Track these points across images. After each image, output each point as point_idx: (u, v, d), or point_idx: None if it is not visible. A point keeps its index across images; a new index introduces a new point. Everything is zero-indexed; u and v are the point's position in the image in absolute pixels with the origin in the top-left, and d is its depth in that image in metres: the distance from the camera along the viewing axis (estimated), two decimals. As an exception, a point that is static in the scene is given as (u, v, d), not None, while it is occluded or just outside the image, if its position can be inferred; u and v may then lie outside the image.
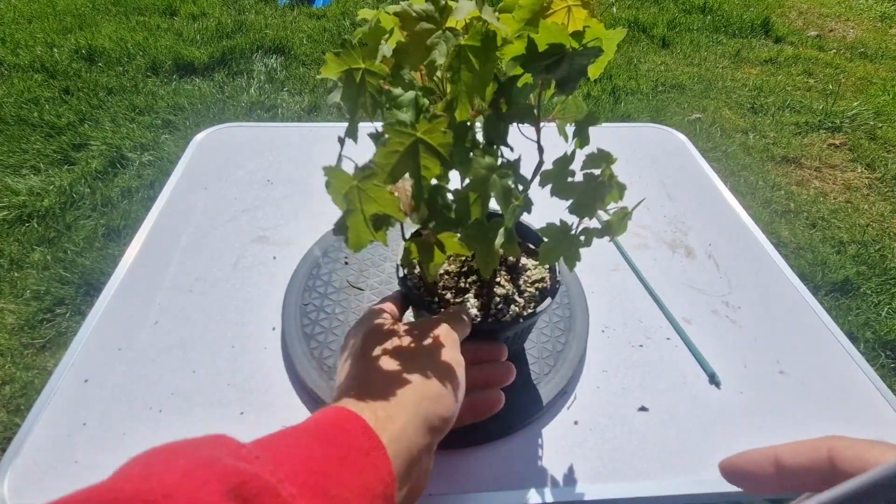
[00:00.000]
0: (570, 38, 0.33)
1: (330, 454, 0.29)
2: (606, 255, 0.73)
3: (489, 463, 0.50)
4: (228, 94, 2.52)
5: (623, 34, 0.35)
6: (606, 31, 0.34)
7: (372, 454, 0.30)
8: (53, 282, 1.56)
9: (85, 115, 2.28)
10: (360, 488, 0.28)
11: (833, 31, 3.65)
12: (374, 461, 0.29)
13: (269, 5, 3.41)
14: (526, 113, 0.36)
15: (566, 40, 0.33)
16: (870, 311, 1.66)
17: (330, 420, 0.31)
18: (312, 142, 0.93)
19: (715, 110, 2.67)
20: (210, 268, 0.67)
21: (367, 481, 0.28)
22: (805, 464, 0.25)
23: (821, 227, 2.00)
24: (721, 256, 0.75)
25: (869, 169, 2.36)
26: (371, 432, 0.31)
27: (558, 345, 0.59)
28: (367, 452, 0.29)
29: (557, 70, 0.33)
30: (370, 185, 0.32)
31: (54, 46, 2.75)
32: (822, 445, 0.25)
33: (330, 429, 0.31)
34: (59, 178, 1.93)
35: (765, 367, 0.60)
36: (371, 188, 0.33)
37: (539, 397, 0.54)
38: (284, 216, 0.77)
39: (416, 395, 0.34)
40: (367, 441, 0.30)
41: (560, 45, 0.33)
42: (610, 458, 0.51)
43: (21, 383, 1.33)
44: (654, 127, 1.03)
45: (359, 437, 0.30)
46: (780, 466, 0.26)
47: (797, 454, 0.26)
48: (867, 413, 0.57)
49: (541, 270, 0.53)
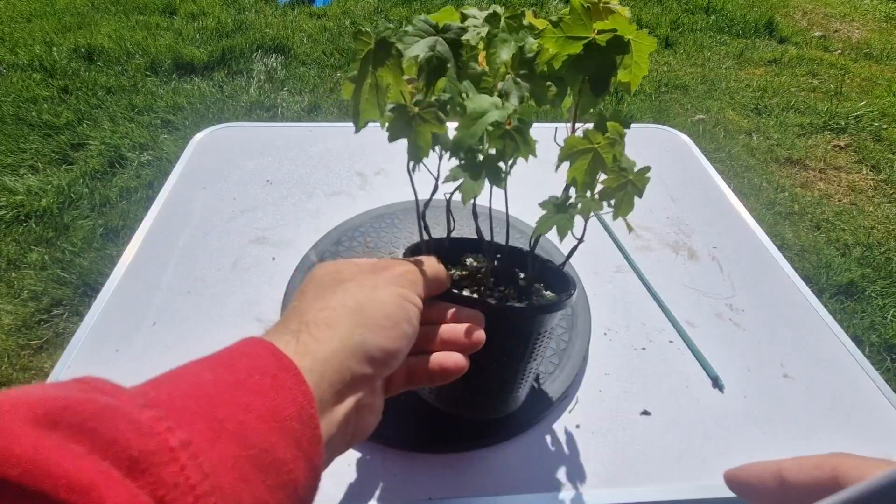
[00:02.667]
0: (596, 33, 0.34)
1: (224, 378, 0.26)
2: (609, 256, 0.72)
3: (490, 467, 0.49)
4: (228, 94, 2.51)
5: (654, 45, 0.35)
6: (637, 32, 0.34)
7: (280, 375, 0.27)
8: (51, 282, 1.56)
9: (83, 115, 2.27)
10: (263, 409, 0.26)
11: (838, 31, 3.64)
12: (283, 382, 0.27)
13: (269, 4, 3.40)
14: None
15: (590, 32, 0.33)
16: (875, 315, 1.65)
17: (230, 349, 0.29)
18: (312, 142, 0.92)
19: (718, 111, 2.66)
20: (209, 268, 0.67)
21: (273, 402, 0.26)
22: (808, 481, 0.25)
23: (825, 230, 1.99)
24: (724, 259, 0.74)
25: (874, 171, 2.35)
26: (280, 354, 0.29)
27: (561, 344, 0.58)
28: (274, 375, 0.27)
29: (585, 64, 0.33)
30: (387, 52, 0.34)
31: (53, 45, 2.75)
32: (827, 464, 0.25)
33: (227, 356, 0.29)
34: (57, 178, 1.93)
35: (769, 371, 0.59)
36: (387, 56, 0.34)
37: (540, 400, 0.53)
38: (284, 217, 0.76)
39: (351, 322, 0.32)
40: (275, 363, 0.28)
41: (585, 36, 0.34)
42: (612, 462, 0.50)
43: (18, 384, 1.32)
44: (657, 128, 1.02)
45: (263, 359, 0.28)
46: (783, 482, 0.26)
47: (801, 471, 0.25)
48: (872, 417, 0.56)
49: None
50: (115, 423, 0.21)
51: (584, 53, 0.35)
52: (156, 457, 0.21)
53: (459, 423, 0.51)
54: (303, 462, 0.26)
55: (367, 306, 0.33)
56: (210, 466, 0.22)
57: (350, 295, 0.34)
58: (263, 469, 0.24)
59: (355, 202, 0.79)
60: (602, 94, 0.35)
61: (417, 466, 0.49)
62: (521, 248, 0.49)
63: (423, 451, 0.50)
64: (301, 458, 0.26)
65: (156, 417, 0.22)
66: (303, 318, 0.32)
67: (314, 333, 0.31)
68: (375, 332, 0.32)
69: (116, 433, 0.20)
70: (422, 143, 0.37)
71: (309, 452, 0.27)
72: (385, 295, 0.34)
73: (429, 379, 0.38)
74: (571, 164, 0.38)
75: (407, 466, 0.49)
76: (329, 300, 0.34)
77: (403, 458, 0.49)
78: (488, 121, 0.34)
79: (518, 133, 0.35)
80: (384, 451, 0.49)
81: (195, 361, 0.28)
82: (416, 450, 0.50)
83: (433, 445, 0.50)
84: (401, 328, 0.34)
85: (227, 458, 0.23)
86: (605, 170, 0.38)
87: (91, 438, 0.20)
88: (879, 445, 0.53)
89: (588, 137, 0.37)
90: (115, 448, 0.20)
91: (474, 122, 0.34)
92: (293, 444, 0.26)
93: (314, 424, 0.27)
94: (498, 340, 0.40)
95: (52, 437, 0.19)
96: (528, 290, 0.47)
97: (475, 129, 0.34)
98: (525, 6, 2.23)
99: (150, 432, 0.21)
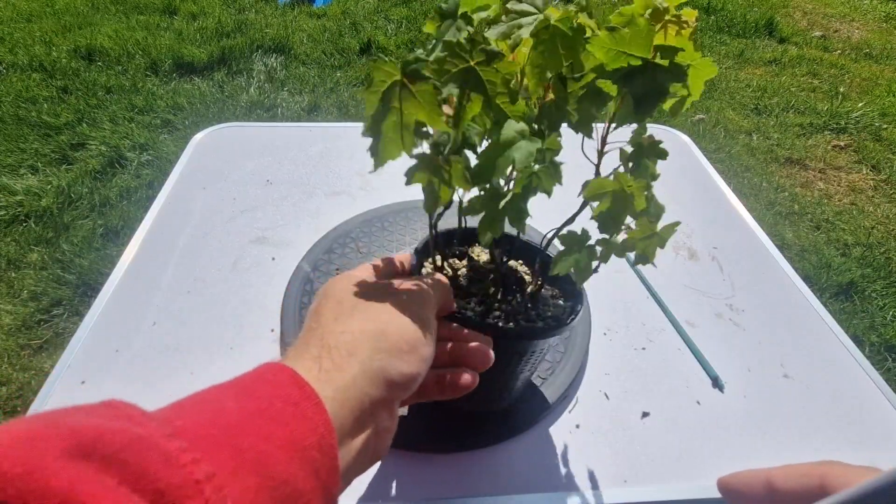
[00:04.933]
0: (658, 50, 0.31)
1: (246, 407, 0.27)
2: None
3: (490, 467, 0.49)
4: (228, 94, 2.51)
5: (714, 72, 0.32)
6: (701, 60, 0.32)
7: (302, 404, 0.27)
8: (51, 282, 1.56)
9: (83, 115, 2.27)
10: (284, 439, 0.26)
11: (838, 31, 3.64)
12: (305, 411, 0.27)
13: (270, 4, 3.40)
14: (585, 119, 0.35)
15: (648, 52, 0.31)
16: (875, 315, 1.65)
17: (252, 375, 0.29)
18: (312, 142, 0.92)
19: (718, 111, 2.66)
20: (208, 269, 0.67)
21: (294, 432, 0.26)
22: (796, 489, 0.26)
23: (825, 230, 1.99)
24: (724, 259, 0.74)
25: (874, 171, 2.35)
26: (301, 382, 0.29)
27: (560, 347, 0.58)
28: (296, 403, 0.27)
29: (634, 82, 0.31)
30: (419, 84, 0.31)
31: (53, 45, 2.75)
32: (815, 472, 0.26)
33: (250, 383, 0.29)
34: (56, 178, 1.93)
35: (769, 371, 0.59)
36: (419, 88, 0.31)
37: (540, 401, 0.53)
38: (284, 217, 0.76)
39: (371, 347, 0.32)
40: (297, 391, 0.28)
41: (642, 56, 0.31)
42: (612, 462, 0.50)
43: (17, 384, 1.32)
44: (657, 128, 1.02)
45: (285, 387, 0.28)
46: (772, 489, 0.27)
47: (789, 479, 0.27)
48: (872, 417, 0.56)
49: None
50: (144, 455, 0.21)
51: (635, 69, 0.31)
52: (182, 490, 0.21)
53: (459, 424, 0.51)
54: (320, 492, 0.26)
55: (387, 331, 0.33)
56: (233, 499, 0.22)
57: (369, 318, 0.34)
58: (282, 500, 0.24)
59: (355, 202, 0.79)
60: (646, 115, 0.32)
61: (417, 466, 0.49)
62: (529, 242, 0.49)
63: (423, 451, 0.50)
64: (319, 489, 0.26)
65: (181, 449, 0.22)
66: (324, 342, 0.32)
67: (336, 360, 0.31)
68: (396, 357, 0.33)
69: (146, 465, 0.21)
70: (442, 195, 0.35)
71: (327, 482, 0.27)
72: (404, 318, 0.35)
73: (439, 393, 0.38)
74: (600, 203, 0.36)
75: (407, 466, 0.49)
76: (349, 323, 0.34)
77: (403, 458, 0.49)
78: (515, 156, 0.32)
79: (545, 174, 0.33)
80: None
81: (217, 387, 0.28)
82: (416, 450, 0.50)
83: (433, 445, 0.50)
84: (420, 352, 0.34)
85: (248, 489, 0.23)
86: (634, 214, 0.36)
87: (121, 470, 0.20)
88: (879, 445, 0.53)
89: (620, 181, 0.34)
90: (143, 481, 0.21)
91: (501, 152, 0.32)
92: (312, 474, 0.26)
93: (333, 455, 0.27)
94: (498, 355, 0.40)
95: (86, 469, 0.20)
96: (536, 297, 0.46)
97: (501, 163, 0.32)
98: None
99: (177, 464, 0.22)
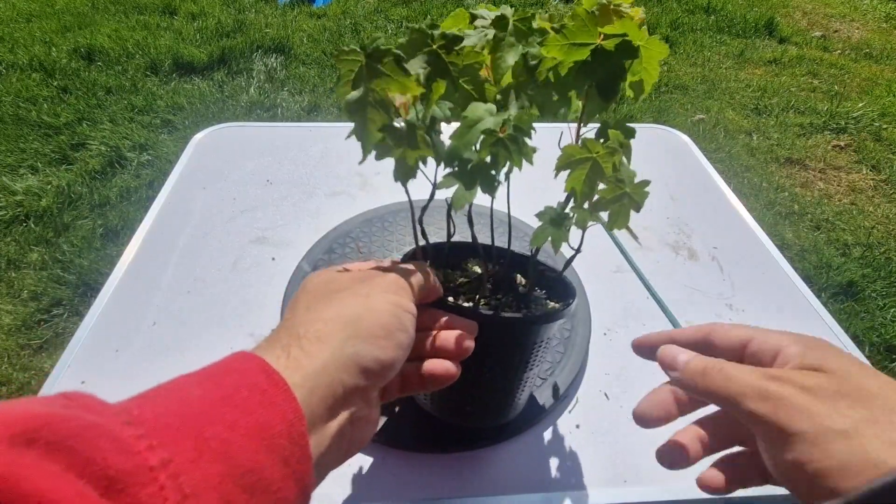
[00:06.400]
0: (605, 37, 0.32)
1: (211, 395, 0.26)
2: (608, 256, 0.72)
3: (490, 467, 0.49)
4: (228, 94, 2.51)
5: (666, 51, 0.34)
6: (650, 39, 0.33)
7: (270, 392, 0.27)
8: (51, 282, 1.56)
9: (83, 115, 2.27)
10: (250, 427, 0.25)
11: (838, 31, 3.64)
12: (272, 399, 0.27)
13: (269, 4, 3.40)
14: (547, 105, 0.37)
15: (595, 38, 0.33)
16: (875, 315, 1.65)
17: (220, 364, 0.29)
18: (312, 142, 0.92)
19: (718, 111, 2.66)
20: (208, 269, 0.67)
21: (261, 420, 0.26)
22: (690, 336, 0.35)
23: (825, 230, 1.99)
24: (724, 259, 0.74)
25: (874, 170, 2.35)
26: (270, 370, 0.28)
27: (561, 344, 0.58)
28: (264, 391, 0.27)
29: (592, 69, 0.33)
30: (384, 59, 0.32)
31: (53, 45, 2.75)
32: (705, 327, 0.35)
33: (217, 372, 0.28)
34: (56, 178, 1.93)
35: (770, 371, 0.59)
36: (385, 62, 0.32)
37: (540, 400, 0.53)
38: (284, 217, 0.76)
39: (344, 334, 0.31)
40: (264, 378, 0.27)
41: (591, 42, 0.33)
42: (611, 462, 0.50)
43: (17, 384, 1.32)
44: (656, 128, 1.02)
45: (252, 375, 0.28)
46: (672, 339, 0.36)
47: (684, 332, 0.36)
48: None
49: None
50: (94, 442, 0.20)
51: (591, 59, 0.34)
52: (134, 477, 0.20)
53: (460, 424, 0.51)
54: (291, 481, 0.26)
55: (362, 317, 0.33)
56: (191, 487, 0.22)
57: (344, 306, 0.33)
58: (249, 489, 0.24)
59: (355, 202, 0.79)
60: (610, 99, 0.34)
61: (417, 466, 0.49)
62: (522, 254, 0.49)
63: (423, 451, 0.50)
64: (290, 477, 0.25)
65: (136, 436, 0.22)
66: (294, 332, 0.32)
67: (305, 347, 0.30)
68: (370, 343, 0.32)
69: (95, 452, 0.20)
70: (410, 163, 0.36)
71: (298, 471, 0.26)
72: (379, 304, 0.34)
73: (421, 386, 0.37)
74: (570, 174, 0.37)
75: (407, 466, 0.49)
76: (322, 312, 0.33)
77: (403, 458, 0.49)
78: (481, 128, 0.33)
79: (512, 142, 0.34)
80: (384, 451, 0.49)
81: (185, 376, 0.28)
82: (416, 450, 0.50)
83: (433, 445, 0.50)
84: (396, 338, 0.33)
85: (210, 477, 0.23)
86: (604, 180, 0.37)
87: (68, 456, 0.20)
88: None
89: (587, 146, 0.36)
90: (92, 467, 0.20)
91: (469, 130, 0.34)
92: (281, 462, 0.25)
93: (303, 442, 0.27)
94: (494, 350, 0.40)
95: (28, 454, 0.19)
96: (528, 297, 0.46)
97: (469, 138, 0.34)
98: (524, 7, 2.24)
99: (130, 451, 0.21)
